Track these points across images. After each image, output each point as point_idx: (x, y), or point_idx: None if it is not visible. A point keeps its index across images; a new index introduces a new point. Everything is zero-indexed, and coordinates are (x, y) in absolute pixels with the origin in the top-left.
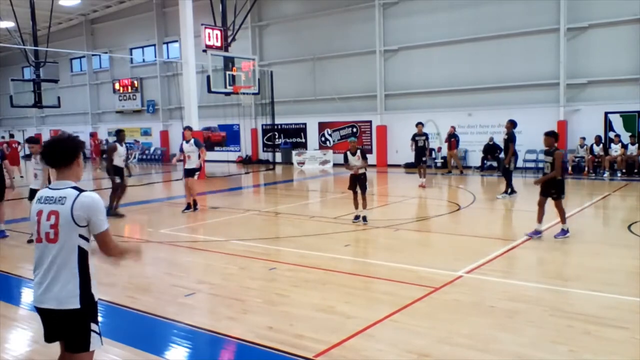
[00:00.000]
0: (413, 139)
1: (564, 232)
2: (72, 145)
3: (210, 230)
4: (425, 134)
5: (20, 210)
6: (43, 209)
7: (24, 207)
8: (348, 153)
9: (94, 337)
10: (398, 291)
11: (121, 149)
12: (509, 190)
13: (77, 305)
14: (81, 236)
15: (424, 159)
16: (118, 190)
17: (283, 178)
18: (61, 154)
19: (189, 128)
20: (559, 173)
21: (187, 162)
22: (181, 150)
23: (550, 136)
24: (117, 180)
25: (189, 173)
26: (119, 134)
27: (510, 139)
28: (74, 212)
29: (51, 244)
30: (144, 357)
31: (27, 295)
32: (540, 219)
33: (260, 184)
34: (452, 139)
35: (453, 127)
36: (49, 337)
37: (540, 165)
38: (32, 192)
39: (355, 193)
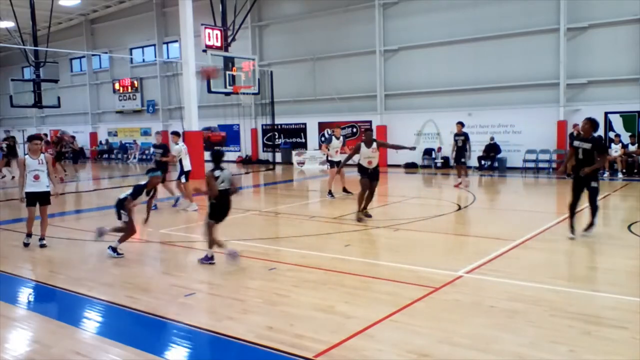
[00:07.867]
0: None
1: (208, 258)
2: (223, 153)
3: None
4: (465, 134)
5: (19, 210)
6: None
7: (21, 208)
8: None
9: None
10: (398, 291)
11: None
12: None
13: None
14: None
15: (462, 160)
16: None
17: (283, 178)
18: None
19: (339, 127)
20: (213, 193)
21: (334, 156)
22: (327, 143)
23: (216, 156)
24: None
25: (337, 164)
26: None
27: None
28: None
29: None
30: (144, 357)
31: (27, 296)
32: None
33: (260, 184)
34: None
35: None
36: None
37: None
38: (30, 196)
39: None
